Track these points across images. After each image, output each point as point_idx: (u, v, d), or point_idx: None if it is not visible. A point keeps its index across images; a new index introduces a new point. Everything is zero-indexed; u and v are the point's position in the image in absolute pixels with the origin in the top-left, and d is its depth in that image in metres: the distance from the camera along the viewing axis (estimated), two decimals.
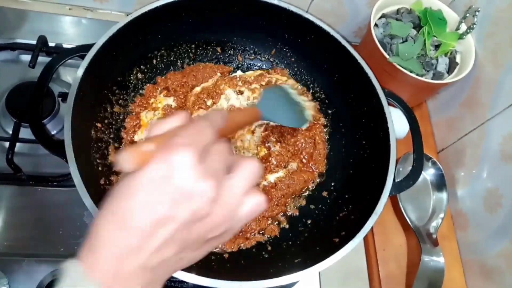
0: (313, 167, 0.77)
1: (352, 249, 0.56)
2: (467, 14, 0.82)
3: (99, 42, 0.64)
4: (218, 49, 0.84)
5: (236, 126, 0.45)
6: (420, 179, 0.73)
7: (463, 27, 0.84)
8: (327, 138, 0.80)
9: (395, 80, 0.81)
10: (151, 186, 0.32)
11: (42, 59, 0.73)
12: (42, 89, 0.62)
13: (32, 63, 0.72)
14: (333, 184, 0.75)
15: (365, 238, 0.79)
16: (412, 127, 0.70)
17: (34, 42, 0.75)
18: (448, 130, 0.89)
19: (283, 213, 0.72)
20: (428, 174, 0.86)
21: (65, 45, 0.81)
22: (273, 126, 0.78)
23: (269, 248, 0.68)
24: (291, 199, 0.74)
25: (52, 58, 0.65)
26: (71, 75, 0.81)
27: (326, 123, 0.81)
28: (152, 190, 0.32)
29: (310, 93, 0.83)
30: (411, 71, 0.79)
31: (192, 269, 0.51)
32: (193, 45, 0.82)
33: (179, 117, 0.37)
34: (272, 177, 0.74)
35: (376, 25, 0.86)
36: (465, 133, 0.83)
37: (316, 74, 0.83)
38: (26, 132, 0.67)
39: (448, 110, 0.90)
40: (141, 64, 0.77)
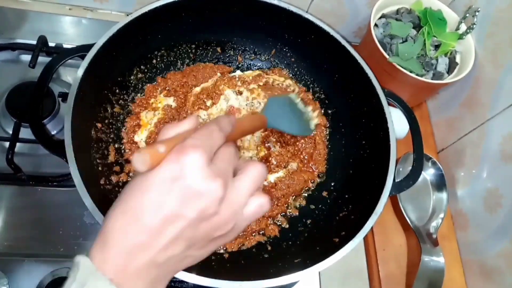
0: (313, 167, 0.77)
1: (352, 249, 0.56)
2: (467, 14, 0.82)
3: (99, 42, 0.64)
4: (218, 49, 0.84)
5: (244, 132, 0.47)
6: (420, 179, 0.73)
7: (463, 27, 0.84)
8: (327, 138, 0.80)
9: (395, 80, 0.81)
10: (162, 185, 0.33)
11: (42, 59, 0.73)
12: (42, 89, 0.62)
13: (32, 63, 0.72)
14: (333, 184, 0.75)
15: (365, 238, 0.79)
16: (412, 127, 0.70)
17: (34, 42, 0.75)
18: (448, 130, 0.89)
19: (283, 213, 0.72)
20: (428, 174, 0.86)
21: (65, 45, 0.81)
22: None
23: (269, 248, 0.68)
24: (291, 199, 0.74)
25: (52, 58, 0.65)
26: (71, 75, 0.81)
27: (326, 123, 0.81)
28: (163, 189, 0.33)
29: (311, 93, 0.83)
30: (411, 71, 0.79)
31: (193, 269, 0.51)
32: (193, 45, 0.82)
33: (190, 121, 0.38)
34: (272, 177, 0.74)
35: (376, 25, 0.86)
36: (465, 133, 0.83)
37: (316, 74, 0.83)
38: (26, 132, 0.67)
39: (448, 110, 0.90)
40: (141, 64, 0.77)
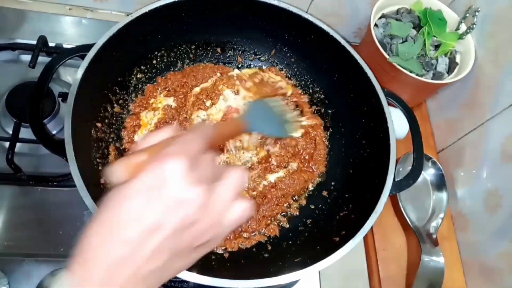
0: (313, 167, 0.77)
1: (352, 249, 0.56)
2: (467, 14, 0.82)
3: (99, 42, 0.64)
4: (218, 50, 0.84)
5: (223, 138, 0.47)
6: (420, 179, 0.73)
7: (463, 27, 0.84)
8: (327, 138, 0.80)
9: (395, 80, 0.81)
10: (142, 195, 0.32)
11: (42, 59, 0.73)
12: (42, 89, 0.62)
13: (32, 63, 0.72)
14: (333, 184, 0.75)
15: (365, 238, 0.79)
16: (412, 127, 0.71)
17: (34, 42, 0.75)
18: (448, 130, 0.89)
19: (284, 213, 0.72)
20: (428, 174, 0.86)
21: (65, 45, 0.81)
22: None
23: (269, 248, 0.68)
24: (292, 199, 0.74)
25: (52, 58, 0.65)
26: (71, 75, 0.81)
27: (326, 123, 0.81)
28: (143, 199, 0.32)
29: (306, 96, 0.83)
30: (411, 71, 0.79)
31: (193, 268, 0.51)
32: (193, 46, 0.82)
33: (168, 130, 0.38)
34: (273, 177, 0.75)
35: (376, 25, 0.86)
36: (465, 133, 0.83)
37: (316, 74, 0.83)
38: (26, 132, 0.67)
39: (448, 110, 0.90)
40: (141, 64, 0.77)
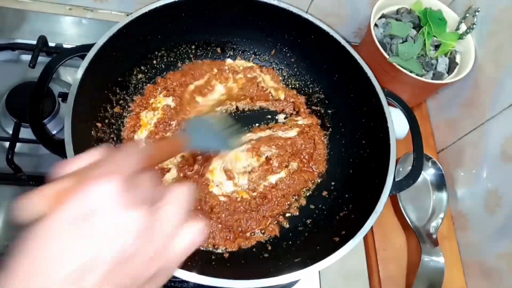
0: (313, 167, 0.77)
1: (352, 249, 0.56)
2: (467, 14, 0.82)
3: (99, 42, 0.64)
4: (218, 50, 0.84)
5: (160, 157, 0.43)
6: (420, 179, 0.73)
7: (463, 27, 0.84)
8: (327, 138, 0.80)
9: (395, 80, 0.81)
10: (67, 229, 0.27)
11: (42, 59, 0.73)
12: (42, 89, 0.62)
13: (32, 63, 0.72)
14: (333, 184, 0.75)
15: (365, 238, 0.79)
16: (412, 127, 0.71)
17: (34, 42, 0.75)
18: (448, 130, 0.89)
19: (284, 213, 0.72)
20: (428, 174, 0.86)
21: (65, 45, 0.81)
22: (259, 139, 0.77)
23: (269, 248, 0.68)
24: (292, 199, 0.74)
25: (52, 58, 0.65)
26: (71, 75, 0.81)
27: (326, 123, 0.81)
28: (69, 234, 0.27)
29: (304, 100, 0.83)
30: (411, 71, 0.79)
31: (193, 268, 0.51)
32: (193, 46, 0.82)
33: (97, 151, 0.33)
34: (274, 178, 0.74)
35: (376, 25, 0.86)
36: (465, 133, 0.83)
37: (316, 74, 0.83)
38: (26, 132, 0.67)
39: (448, 110, 0.90)
40: (141, 64, 0.77)
